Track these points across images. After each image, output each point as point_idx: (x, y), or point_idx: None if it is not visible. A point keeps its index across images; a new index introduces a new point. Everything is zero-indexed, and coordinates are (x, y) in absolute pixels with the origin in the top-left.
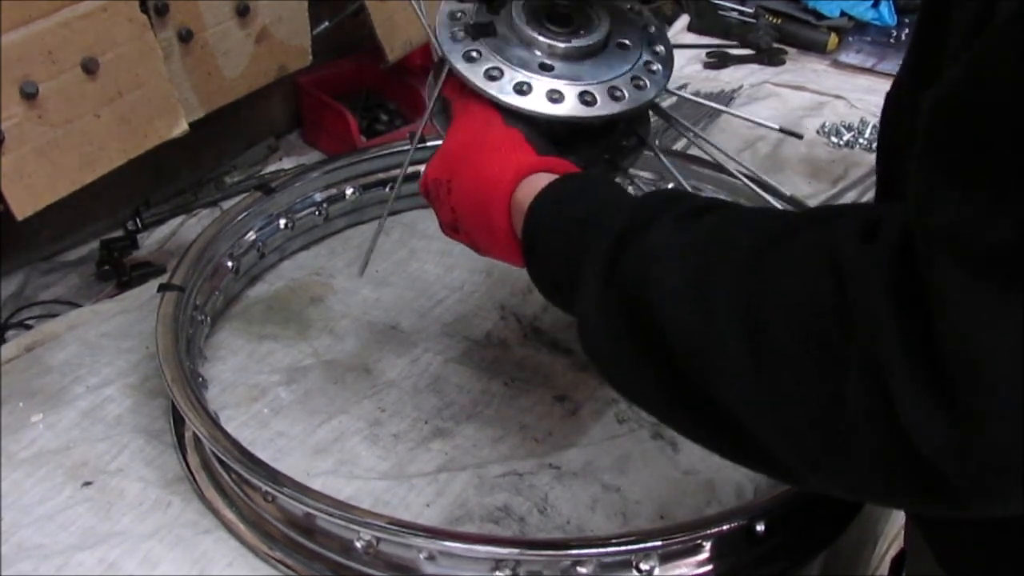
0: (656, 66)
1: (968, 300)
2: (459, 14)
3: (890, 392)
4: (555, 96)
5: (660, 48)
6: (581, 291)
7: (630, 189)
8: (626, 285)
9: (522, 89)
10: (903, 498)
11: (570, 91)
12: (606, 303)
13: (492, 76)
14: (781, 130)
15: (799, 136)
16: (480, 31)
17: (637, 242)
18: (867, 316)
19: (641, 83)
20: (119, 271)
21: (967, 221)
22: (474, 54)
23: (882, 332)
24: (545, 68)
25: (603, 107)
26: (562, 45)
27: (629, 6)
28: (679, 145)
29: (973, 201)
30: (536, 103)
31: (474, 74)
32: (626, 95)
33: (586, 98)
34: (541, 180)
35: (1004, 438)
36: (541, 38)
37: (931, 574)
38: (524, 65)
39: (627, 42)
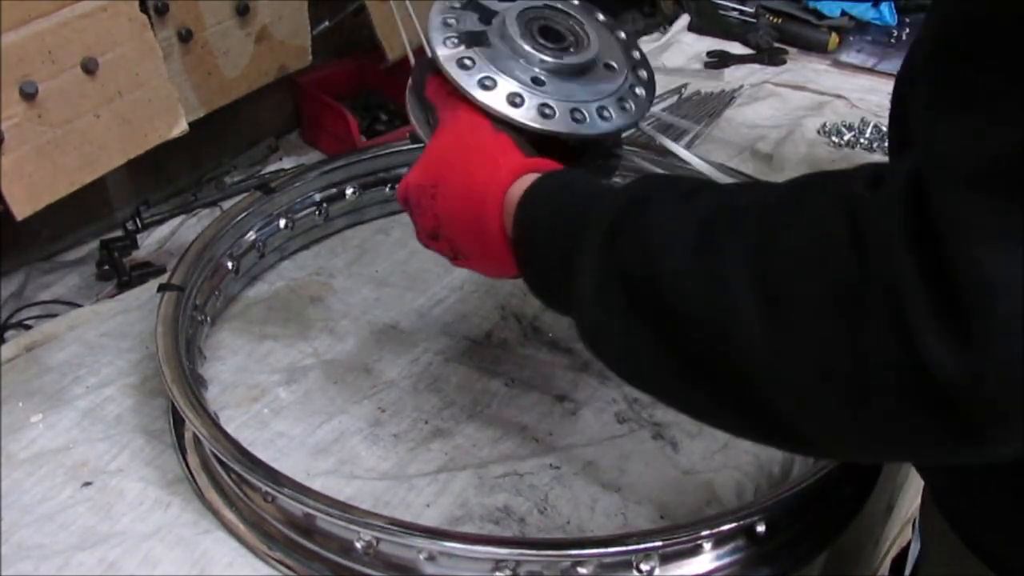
0: (640, 90)
1: (969, 217)
2: (451, 20)
3: (908, 326)
4: (547, 111)
5: (643, 73)
6: (578, 276)
7: None
8: (626, 263)
9: (515, 101)
10: (921, 444)
11: (561, 107)
12: (604, 284)
13: (485, 86)
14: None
15: None
16: (474, 40)
17: (635, 221)
18: (882, 253)
19: (627, 105)
20: (119, 271)
21: (962, 141)
22: (467, 62)
23: (898, 267)
24: (537, 82)
25: (592, 125)
26: (554, 61)
27: (619, 32)
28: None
29: (967, 121)
30: (528, 116)
31: (468, 82)
32: (613, 116)
33: (576, 116)
34: (531, 179)
35: (1014, 354)
36: (535, 52)
37: (948, 546)
38: (517, 77)
39: (614, 64)
